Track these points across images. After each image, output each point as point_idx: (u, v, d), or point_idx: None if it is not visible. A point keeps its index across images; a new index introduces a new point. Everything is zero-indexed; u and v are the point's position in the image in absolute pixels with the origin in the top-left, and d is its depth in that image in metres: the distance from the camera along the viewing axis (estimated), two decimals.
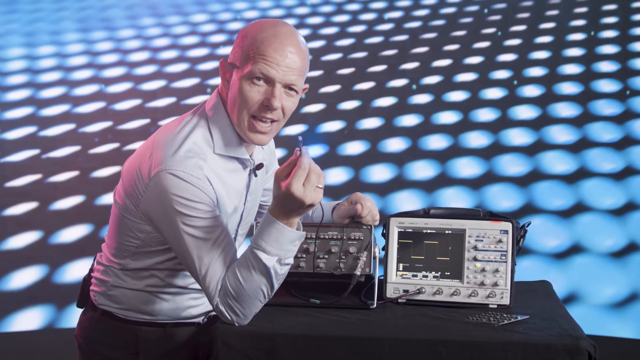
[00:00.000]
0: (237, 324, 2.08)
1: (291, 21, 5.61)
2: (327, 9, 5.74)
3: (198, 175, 2.06)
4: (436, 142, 5.03)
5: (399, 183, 4.85)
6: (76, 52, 5.51)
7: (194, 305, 2.32)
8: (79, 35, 5.60)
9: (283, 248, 2.02)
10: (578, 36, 5.46)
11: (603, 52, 5.36)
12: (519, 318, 2.16)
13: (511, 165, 4.90)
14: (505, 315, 2.18)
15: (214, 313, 2.31)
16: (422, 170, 4.91)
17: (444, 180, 4.85)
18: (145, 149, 2.16)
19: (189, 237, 2.07)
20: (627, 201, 4.70)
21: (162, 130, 2.19)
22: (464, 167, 4.92)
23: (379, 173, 4.91)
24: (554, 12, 5.58)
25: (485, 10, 5.59)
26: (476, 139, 5.02)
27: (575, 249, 4.53)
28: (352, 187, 4.80)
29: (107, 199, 4.75)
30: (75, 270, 4.47)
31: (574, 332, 2.07)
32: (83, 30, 5.62)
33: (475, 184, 4.82)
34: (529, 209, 4.64)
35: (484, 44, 5.45)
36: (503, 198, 4.70)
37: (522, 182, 4.81)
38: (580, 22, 5.52)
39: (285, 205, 1.99)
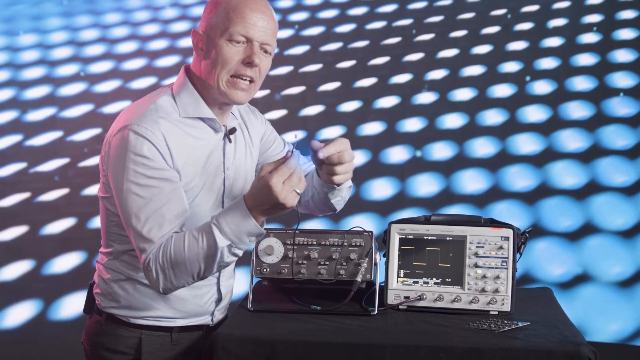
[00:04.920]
0: (160, 290, 2.10)
1: (287, 2, 5.30)
2: None
3: (153, 129, 2.11)
4: (440, 151, 4.83)
5: (401, 200, 4.70)
6: (60, 42, 5.19)
7: (197, 294, 2.31)
8: (61, 20, 5.26)
9: (239, 236, 2.04)
10: (594, 17, 5.12)
11: (620, 38, 5.04)
12: (520, 324, 2.18)
13: (518, 178, 4.72)
14: (506, 321, 2.21)
15: (217, 319, 2.37)
16: (424, 185, 4.75)
17: (447, 197, 4.70)
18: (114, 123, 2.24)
19: (132, 195, 2.09)
20: (638, 221, 4.55)
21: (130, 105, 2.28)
22: (469, 180, 4.75)
23: (380, 189, 4.74)
24: None
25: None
26: (482, 147, 4.82)
27: (581, 278, 4.44)
28: (353, 206, 4.65)
29: (99, 221, 4.60)
30: (71, 305, 4.39)
31: (575, 338, 2.08)
32: (66, 15, 5.27)
33: (480, 200, 4.66)
34: (536, 231, 4.50)
35: (493, 29, 5.13)
36: (509, 217, 4.51)
37: (530, 198, 4.65)
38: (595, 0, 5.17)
39: (259, 195, 2.01)
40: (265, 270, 2.34)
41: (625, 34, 5.05)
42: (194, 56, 2.25)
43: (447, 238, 2.34)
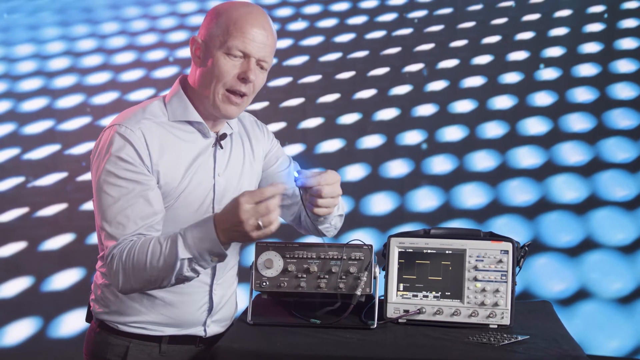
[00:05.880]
0: (119, 288, 2.12)
1: (286, 11, 5.23)
2: None
3: (133, 129, 2.14)
4: (440, 164, 4.78)
5: (400, 214, 4.67)
6: (57, 52, 5.12)
7: (185, 301, 2.31)
8: (58, 30, 5.19)
9: (201, 252, 2.04)
10: (595, 26, 5.06)
11: (622, 48, 4.99)
12: (519, 338, 2.19)
13: (518, 192, 4.69)
14: (505, 335, 2.22)
15: (213, 332, 2.38)
16: (424, 199, 4.71)
17: (447, 212, 4.66)
18: None
19: (103, 193, 2.13)
20: (638, 236, 4.53)
21: None
22: (469, 195, 4.71)
23: (380, 203, 4.71)
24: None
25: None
26: (482, 161, 4.77)
27: (581, 294, 4.43)
28: (352, 221, 4.63)
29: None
30: (71, 322, 4.38)
31: (574, 352, 2.10)
32: (63, 24, 5.20)
33: (479, 215, 4.63)
34: (536, 247, 4.48)
35: (494, 39, 5.07)
36: (509, 232, 4.47)
37: (530, 213, 4.62)
38: (599, 8, 5.10)
39: (226, 212, 2.01)
40: (264, 283, 2.35)
41: (627, 43, 4.99)
42: (191, 65, 2.26)
43: (447, 251, 2.36)
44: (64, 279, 4.54)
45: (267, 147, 2.50)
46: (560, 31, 5.04)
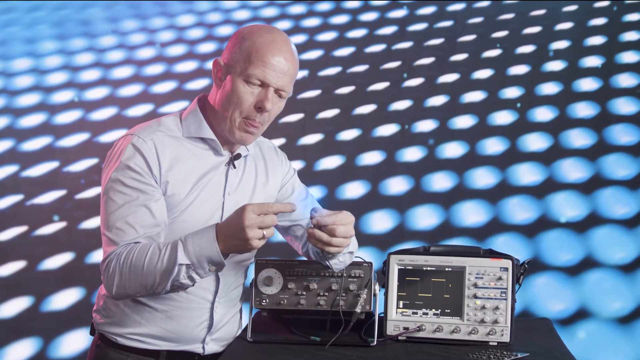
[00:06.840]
0: (112, 292, 2.13)
1: (285, 24, 5.19)
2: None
3: (145, 139, 2.19)
4: (440, 181, 4.76)
5: (400, 233, 4.65)
6: (55, 67, 5.08)
7: (186, 315, 2.32)
8: (56, 43, 5.14)
9: (200, 259, 2.05)
10: (597, 39, 5.02)
11: (624, 61, 4.95)
12: (519, 355, 2.21)
13: (518, 210, 4.66)
14: (505, 352, 2.24)
15: (212, 350, 2.38)
16: (424, 217, 4.68)
17: (446, 230, 4.64)
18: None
19: (108, 199, 2.16)
20: (638, 255, 4.52)
21: None
22: (469, 212, 4.68)
23: (379, 222, 4.68)
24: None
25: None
26: (482, 178, 4.74)
27: (581, 314, 4.42)
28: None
29: (97, 256, 4.57)
30: (72, 343, 4.36)
31: None
32: (60, 38, 5.16)
33: (479, 233, 4.61)
34: (536, 265, 4.47)
35: (494, 52, 5.03)
36: (509, 251, 4.45)
37: (530, 231, 4.60)
38: (600, 20, 5.07)
39: (230, 219, 2.03)
40: (264, 301, 2.37)
41: (629, 57, 4.96)
42: (213, 85, 2.28)
43: (446, 269, 2.38)
44: (64, 299, 4.52)
45: (284, 176, 2.51)
46: (561, 44, 5.00)
